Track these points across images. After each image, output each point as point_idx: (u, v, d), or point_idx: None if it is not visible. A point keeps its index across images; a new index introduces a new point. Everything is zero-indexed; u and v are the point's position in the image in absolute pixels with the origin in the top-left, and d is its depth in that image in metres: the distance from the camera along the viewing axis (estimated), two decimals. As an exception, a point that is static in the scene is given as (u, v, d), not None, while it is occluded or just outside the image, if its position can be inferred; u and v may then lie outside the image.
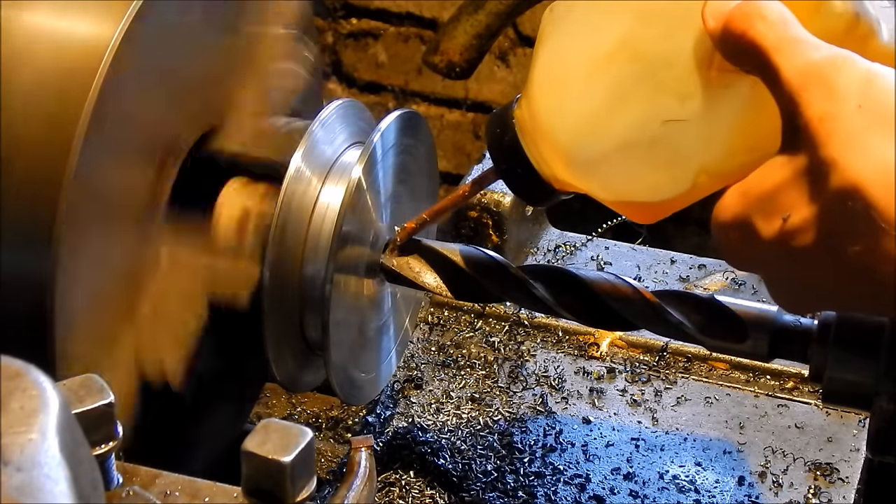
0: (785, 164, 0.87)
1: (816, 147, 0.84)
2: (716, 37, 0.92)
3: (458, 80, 1.48)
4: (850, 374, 1.14)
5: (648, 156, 0.99)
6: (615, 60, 0.99)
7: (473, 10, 1.52)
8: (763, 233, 0.88)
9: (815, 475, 1.44)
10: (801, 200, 0.86)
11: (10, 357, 0.77)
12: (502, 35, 1.74)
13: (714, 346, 1.24)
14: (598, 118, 1.01)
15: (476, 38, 1.51)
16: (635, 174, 1.01)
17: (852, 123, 0.83)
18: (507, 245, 1.68)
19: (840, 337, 1.14)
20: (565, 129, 1.04)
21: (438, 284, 1.29)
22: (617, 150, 1.01)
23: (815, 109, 0.84)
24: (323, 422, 1.53)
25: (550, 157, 1.07)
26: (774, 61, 0.87)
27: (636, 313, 1.22)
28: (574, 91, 1.02)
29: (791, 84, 0.86)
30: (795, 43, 0.87)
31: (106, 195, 1.13)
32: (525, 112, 1.08)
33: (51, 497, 0.70)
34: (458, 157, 3.00)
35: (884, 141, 0.82)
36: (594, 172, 1.04)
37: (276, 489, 0.87)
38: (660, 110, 0.97)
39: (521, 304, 1.41)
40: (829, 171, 0.83)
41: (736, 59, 0.91)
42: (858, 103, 0.83)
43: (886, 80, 0.85)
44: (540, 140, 1.07)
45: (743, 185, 0.90)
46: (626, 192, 1.04)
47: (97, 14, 1.11)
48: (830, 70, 0.85)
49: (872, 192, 0.81)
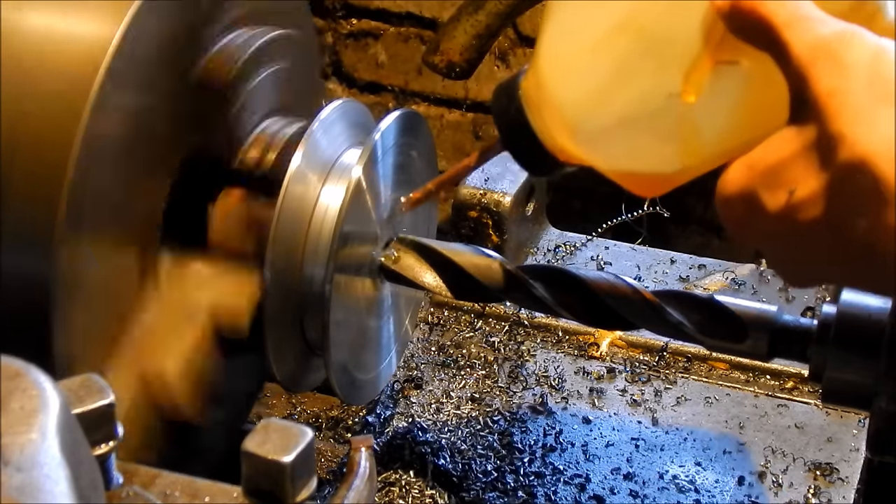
0: (792, 138, 0.87)
1: (825, 121, 0.84)
2: (724, 12, 0.92)
3: (458, 80, 1.48)
4: (849, 374, 1.14)
5: (651, 129, 1.00)
6: (621, 34, 0.99)
7: (473, 10, 1.52)
8: (768, 206, 0.88)
9: (815, 475, 1.44)
10: (807, 174, 0.86)
11: (10, 357, 0.77)
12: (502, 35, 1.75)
13: (714, 346, 1.24)
14: (603, 91, 1.01)
15: (476, 38, 1.51)
16: (639, 147, 1.01)
17: (861, 98, 0.83)
18: (507, 245, 1.68)
19: (840, 337, 1.14)
20: (571, 100, 1.04)
21: (438, 284, 1.29)
22: (621, 123, 1.01)
23: (825, 84, 0.85)
24: (323, 422, 1.53)
25: (555, 128, 1.07)
26: (784, 37, 0.87)
27: (636, 313, 1.22)
28: (580, 64, 1.02)
29: (800, 59, 0.86)
30: (805, 19, 0.88)
31: (106, 196, 1.13)
32: (531, 83, 1.08)
33: (51, 497, 0.70)
34: (458, 157, 3.00)
35: (892, 115, 0.82)
36: (598, 144, 1.04)
37: (276, 489, 0.87)
38: (664, 85, 0.97)
39: (520, 303, 1.41)
40: (838, 144, 0.83)
41: (744, 35, 0.92)
42: (867, 78, 0.84)
43: (894, 56, 0.85)
44: (546, 111, 1.07)
45: (748, 158, 0.90)
46: (630, 164, 1.04)
47: (97, 14, 1.11)
48: (839, 45, 0.85)
49: (880, 166, 0.81)
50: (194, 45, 1.24)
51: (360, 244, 1.28)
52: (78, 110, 1.07)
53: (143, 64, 1.14)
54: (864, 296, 1.17)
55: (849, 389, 1.14)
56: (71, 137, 1.07)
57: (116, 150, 1.13)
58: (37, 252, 1.07)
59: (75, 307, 1.11)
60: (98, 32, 1.10)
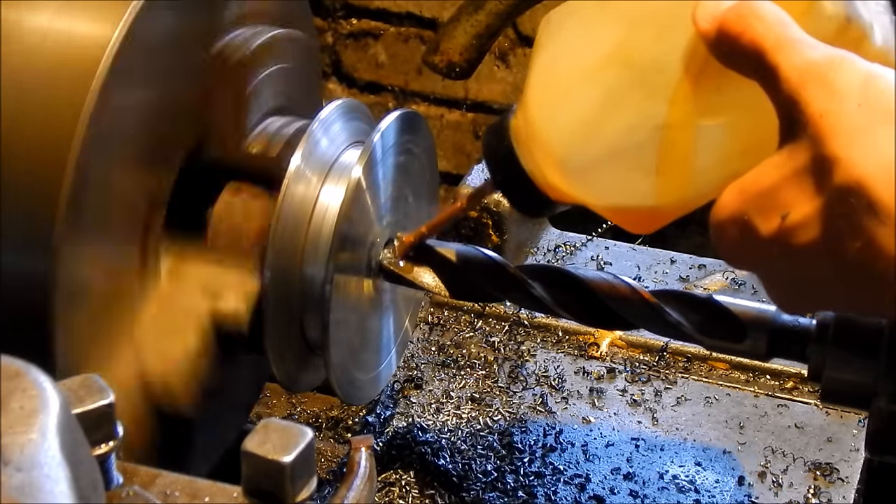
0: (784, 162, 0.87)
1: (818, 144, 0.84)
2: (709, 39, 0.91)
3: (458, 80, 1.49)
4: (848, 373, 1.14)
5: (639, 161, 0.99)
6: (608, 67, 0.99)
7: (473, 10, 1.52)
8: (762, 231, 0.88)
9: (815, 475, 1.44)
10: (800, 198, 0.86)
11: (10, 357, 0.77)
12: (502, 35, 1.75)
13: (712, 346, 1.24)
14: (590, 124, 1.01)
15: (476, 38, 1.51)
16: (628, 180, 1.01)
17: (853, 120, 0.83)
18: (507, 245, 1.68)
19: (839, 337, 1.14)
20: (559, 136, 1.04)
21: (437, 284, 1.29)
22: (609, 156, 1.01)
23: (816, 107, 0.85)
24: (323, 422, 1.53)
25: (545, 165, 1.07)
26: (773, 61, 0.87)
27: (635, 313, 1.22)
28: (568, 98, 1.02)
29: (790, 83, 0.86)
30: (794, 42, 0.87)
31: (106, 196, 1.13)
32: (521, 121, 1.08)
33: (51, 497, 0.70)
34: (458, 157, 3.00)
35: (886, 138, 0.82)
36: (587, 179, 1.04)
37: (276, 489, 0.87)
38: (651, 116, 0.97)
39: (519, 303, 1.41)
40: (832, 167, 0.83)
41: (731, 61, 0.91)
42: (859, 101, 0.83)
43: (886, 80, 0.85)
44: (535, 148, 1.07)
45: (740, 182, 0.90)
46: (620, 198, 1.04)
47: (97, 14, 1.11)
48: (830, 69, 0.85)
49: (875, 188, 0.81)
50: (196, 43, 1.24)
51: (360, 244, 1.28)
52: (78, 109, 1.07)
53: (144, 63, 1.14)
54: None
55: (848, 389, 1.14)
56: (71, 137, 1.07)
57: (117, 149, 1.13)
58: (37, 252, 1.07)
59: (75, 307, 1.11)
60: (98, 32, 1.10)
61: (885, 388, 1.10)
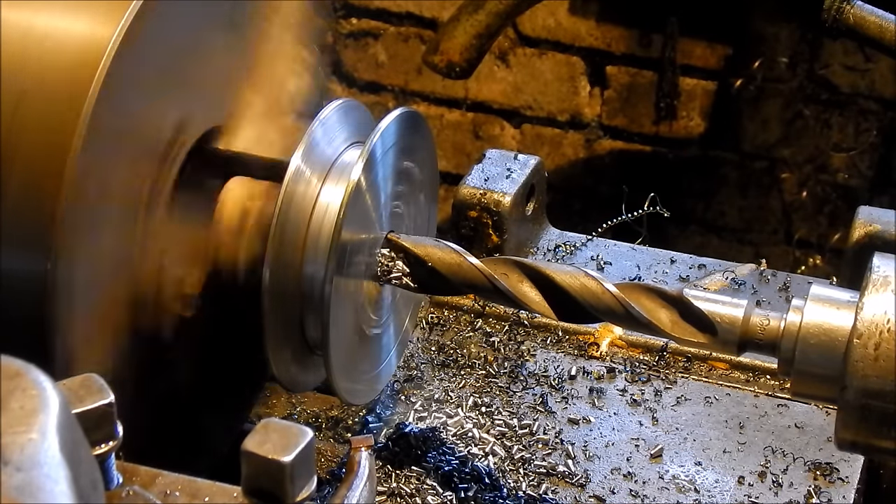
0: None
1: None
2: None
3: (458, 79, 1.49)
4: (817, 368, 1.15)
5: None
6: None
7: (473, 10, 1.52)
8: None
9: (815, 475, 1.44)
10: None
11: (10, 357, 0.77)
12: (502, 35, 1.75)
13: (683, 342, 1.25)
14: None
15: (476, 38, 1.51)
16: None
17: None
18: (507, 245, 1.68)
19: (808, 332, 1.15)
20: None
21: (405, 282, 1.30)
22: None
23: None
24: (323, 422, 1.53)
25: None
26: None
27: (603, 308, 1.22)
28: None
29: None
30: None
31: (106, 195, 1.13)
32: None
33: (51, 497, 0.70)
34: (458, 156, 3.00)
35: None
36: None
37: (276, 489, 0.87)
38: None
39: (485, 297, 1.41)
40: None
41: None
42: None
43: None
44: None
45: None
46: None
47: (97, 14, 1.11)
48: None
49: None
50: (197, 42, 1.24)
51: (360, 244, 1.28)
52: (78, 110, 1.07)
53: (145, 62, 1.14)
54: (832, 290, 1.18)
55: (816, 383, 1.15)
56: (71, 137, 1.07)
57: (117, 148, 1.13)
58: (37, 251, 1.07)
59: (75, 307, 1.11)
60: (98, 32, 1.10)
61: (851, 382, 1.11)
